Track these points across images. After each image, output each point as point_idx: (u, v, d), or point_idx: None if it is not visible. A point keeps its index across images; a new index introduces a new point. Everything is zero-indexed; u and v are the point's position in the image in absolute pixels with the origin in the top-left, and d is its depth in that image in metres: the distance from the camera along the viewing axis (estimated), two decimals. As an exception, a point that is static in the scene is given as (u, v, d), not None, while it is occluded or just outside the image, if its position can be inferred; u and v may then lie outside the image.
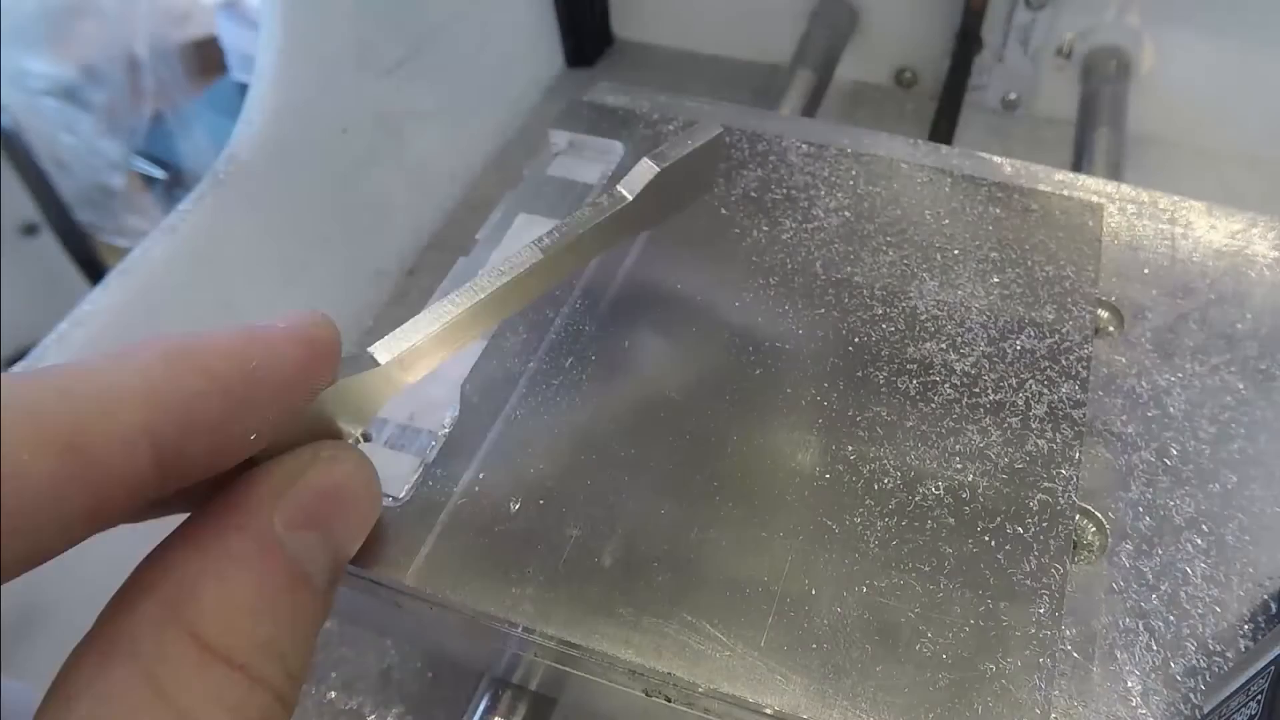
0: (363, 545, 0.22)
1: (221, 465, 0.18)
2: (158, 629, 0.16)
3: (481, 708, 0.30)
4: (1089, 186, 0.37)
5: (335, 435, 0.22)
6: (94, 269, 0.83)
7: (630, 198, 0.28)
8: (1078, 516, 0.27)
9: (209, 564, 0.17)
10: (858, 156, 0.37)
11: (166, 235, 0.40)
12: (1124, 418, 0.30)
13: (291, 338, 0.19)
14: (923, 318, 0.32)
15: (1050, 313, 0.32)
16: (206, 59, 1.00)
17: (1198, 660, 0.25)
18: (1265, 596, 0.26)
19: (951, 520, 0.27)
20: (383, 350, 0.23)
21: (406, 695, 0.36)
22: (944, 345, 0.31)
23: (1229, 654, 0.25)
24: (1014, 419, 0.29)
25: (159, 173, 1.00)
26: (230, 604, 0.17)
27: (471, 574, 0.26)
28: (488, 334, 0.27)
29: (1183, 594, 0.26)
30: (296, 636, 0.18)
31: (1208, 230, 0.35)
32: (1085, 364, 0.30)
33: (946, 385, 0.30)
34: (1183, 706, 0.24)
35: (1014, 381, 0.30)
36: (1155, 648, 0.25)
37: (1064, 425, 0.29)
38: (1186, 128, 0.57)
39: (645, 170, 0.28)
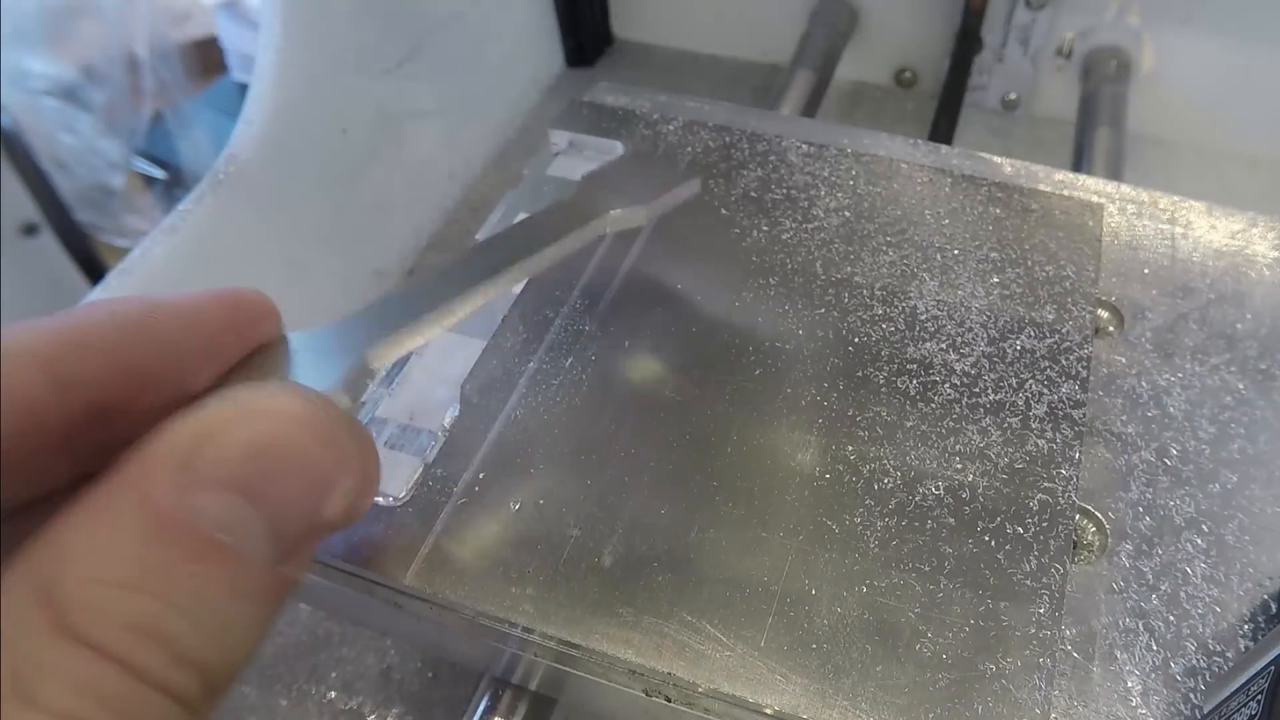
0: (362, 545, 0.22)
1: (138, 402, 0.18)
2: (16, 603, 0.14)
3: (481, 708, 0.30)
4: (1089, 186, 0.37)
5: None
6: (94, 269, 0.83)
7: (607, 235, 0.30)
8: (1078, 516, 0.27)
9: (86, 531, 0.15)
10: (858, 156, 0.37)
11: (166, 235, 0.40)
12: (1124, 418, 0.30)
13: (209, 290, 0.19)
14: (923, 318, 0.32)
15: (1050, 313, 0.32)
16: (206, 59, 1.00)
17: (1198, 660, 0.25)
18: (1265, 596, 0.26)
19: (951, 520, 0.27)
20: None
21: (406, 695, 0.36)
22: (944, 345, 0.31)
23: (1229, 654, 0.25)
24: (1014, 419, 0.29)
25: (159, 173, 1.00)
26: (97, 576, 0.14)
27: (471, 574, 0.26)
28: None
29: (1183, 594, 0.26)
30: (203, 616, 0.15)
31: (1208, 230, 0.35)
32: (1085, 364, 0.30)
33: (946, 385, 0.30)
34: (1183, 706, 0.24)
35: (1014, 381, 0.30)
36: (1155, 648, 0.25)
37: (1064, 425, 0.29)
38: (1186, 128, 0.57)
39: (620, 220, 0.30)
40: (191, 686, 0.15)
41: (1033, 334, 0.31)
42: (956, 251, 0.34)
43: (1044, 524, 0.26)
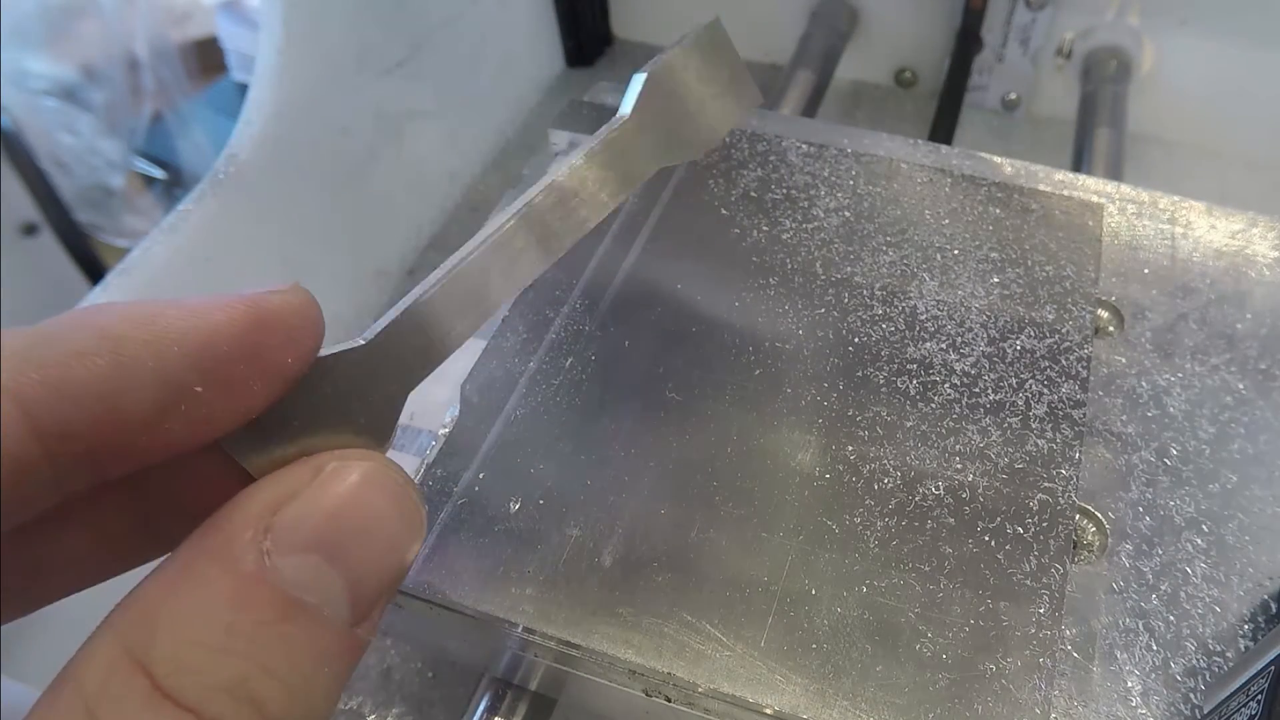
0: None
1: (149, 447, 0.16)
2: (108, 663, 0.14)
3: (481, 708, 0.30)
4: (1089, 186, 0.37)
5: (353, 444, 0.19)
6: (94, 269, 0.83)
7: (627, 114, 0.24)
8: (1078, 516, 0.27)
9: (173, 592, 0.15)
10: (858, 156, 0.37)
11: (166, 235, 0.40)
12: (1124, 418, 0.30)
13: (224, 302, 0.16)
14: (923, 318, 0.32)
15: (1050, 313, 0.32)
16: (206, 59, 1.00)
17: (1198, 660, 0.25)
18: (1265, 596, 0.26)
19: (951, 520, 0.27)
20: (368, 332, 0.20)
21: (406, 695, 0.36)
22: (944, 345, 0.31)
23: (1229, 654, 0.25)
24: (1014, 419, 0.29)
25: (159, 173, 1.00)
26: (188, 638, 0.15)
27: (471, 574, 0.26)
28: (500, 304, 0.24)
29: (1183, 594, 0.26)
30: (290, 677, 0.15)
31: (1208, 230, 0.35)
32: (1085, 364, 0.30)
33: (946, 385, 0.30)
34: (1183, 706, 0.24)
35: (1014, 381, 0.30)
36: (1155, 648, 0.25)
37: (1064, 425, 0.29)
38: (1186, 128, 0.57)
39: (635, 82, 0.24)
40: None
41: (1033, 334, 0.31)
42: (956, 251, 0.34)
43: (1044, 524, 0.26)
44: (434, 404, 0.31)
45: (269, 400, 0.17)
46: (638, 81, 0.24)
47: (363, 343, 0.19)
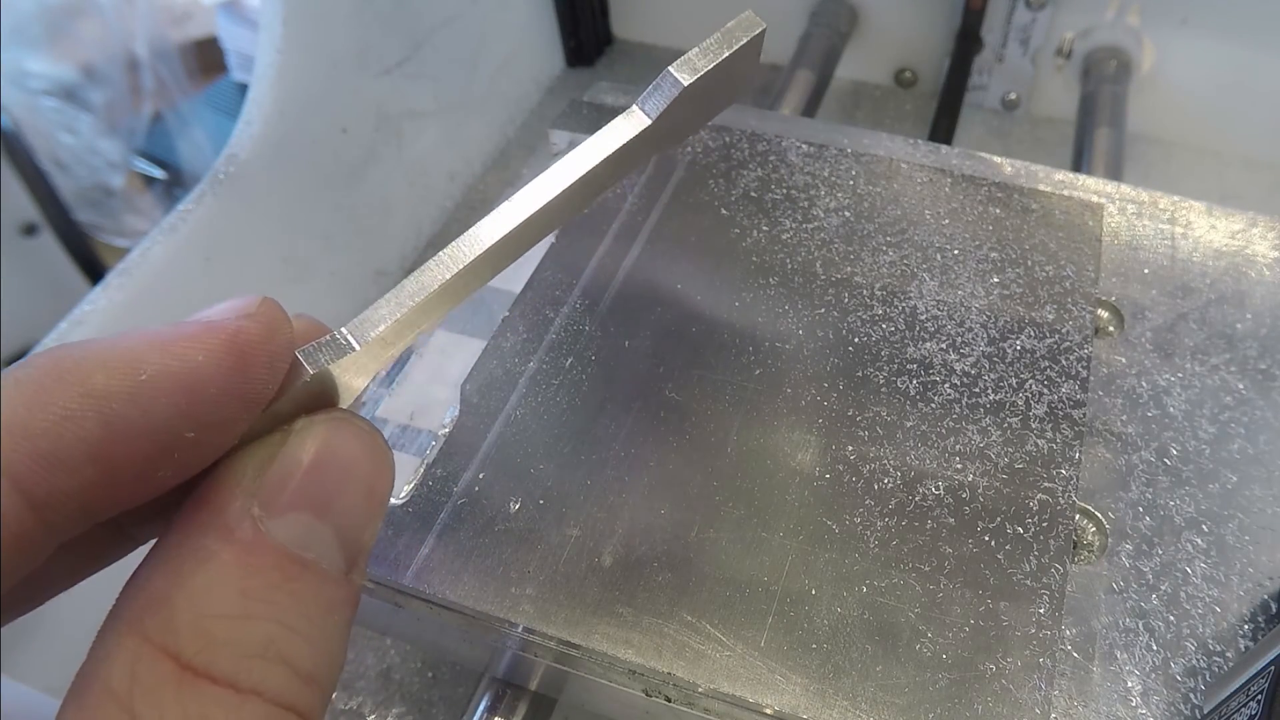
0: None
1: (142, 493, 0.16)
2: (131, 655, 0.14)
3: (481, 708, 0.30)
4: (1089, 186, 0.37)
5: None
6: (94, 269, 0.83)
7: (651, 120, 0.24)
8: (1078, 516, 0.27)
9: (180, 572, 0.15)
10: (858, 156, 0.37)
11: (166, 235, 0.40)
12: (1124, 418, 0.30)
13: (203, 338, 0.16)
14: (923, 318, 0.32)
15: (1050, 313, 0.32)
16: (206, 59, 1.00)
17: (1198, 660, 0.25)
18: (1265, 596, 0.26)
19: (951, 520, 0.27)
20: (358, 330, 0.19)
21: (406, 695, 0.36)
22: (944, 345, 0.31)
23: (1229, 654, 0.25)
24: (1014, 419, 0.29)
25: (159, 173, 1.00)
26: (207, 612, 0.15)
27: (471, 574, 0.26)
28: (490, 278, 0.23)
29: (1183, 594, 0.26)
30: (309, 631, 0.16)
31: (1208, 230, 0.35)
32: (1085, 364, 0.30)
33: (946, 385, 0.30)
34: (1183, 706, 0.24)
35: (1014, 381, 0.30)
36: (1155, 648, 0.25)
37: (1064, 425, 0.29)
38: (1186, 128, 0.57)
39: (668, 87, 0.24)
40: (316, 702, 0.16)
41: (1033, 334, 0.31)
42: (956, 251, 0.34)
43: (1044, 524, 0.26)
44: (434, 404, 0.31)
45: (249, 423, 0.17)
46: (671, 88, 0.24)
47: (358, 349, 0.19)
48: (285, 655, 0.15)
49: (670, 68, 0.24)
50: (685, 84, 0.24)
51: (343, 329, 0.19)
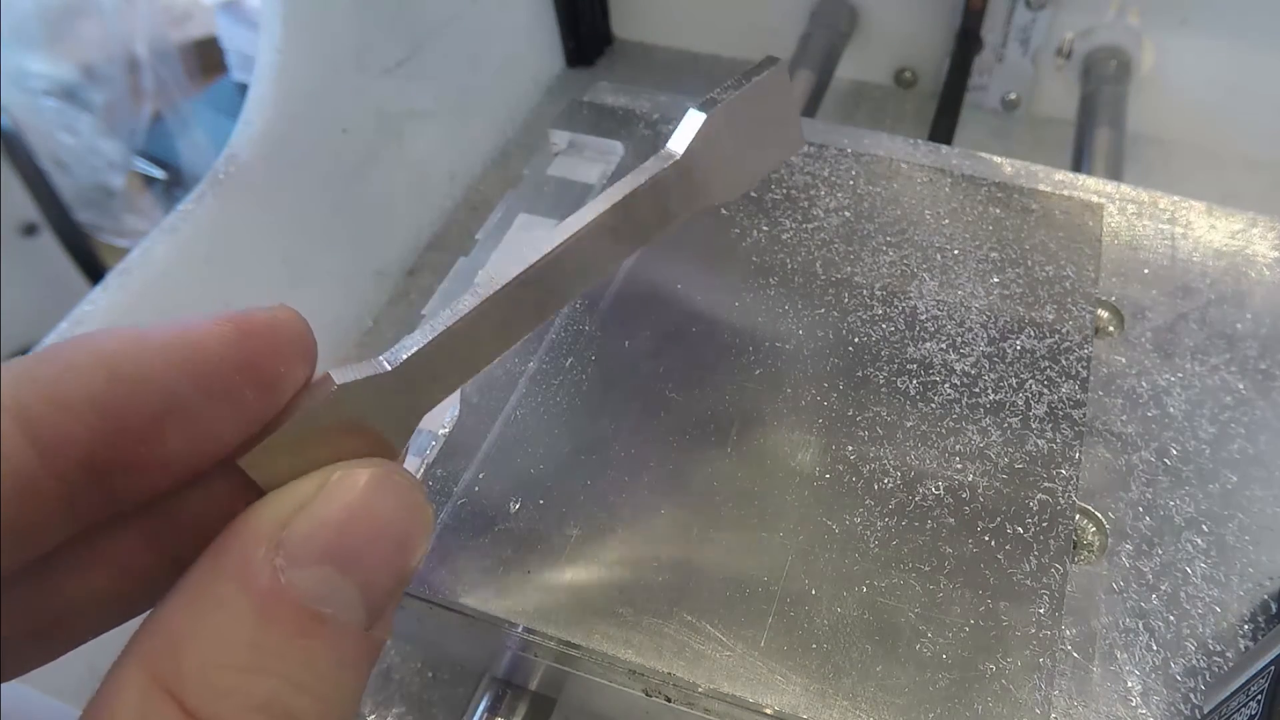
0: None
1: (150, 456, 0.16)
2: (140, 695, 0.14)
3: (481, 708, 0.30)
4: (1089, 186, 0.37)
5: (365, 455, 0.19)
6: (94, 269, 0.83)
7: (679, 154, 0.23)
8: (1078, 516, 0.27)
9: (195, 616, 0.15)
10: (858, 156, 0.37)
11: (166, 235, 0.40)
12: (1124, 418, 0.30)
13: (209, 318, 0.17)
14: (923, 318, 0.32)
15: (1050, 313, 0.32)
16: (206, 59, 1.00)
17: (1198, 660, 0.25)
18: (1265, 596, 0.26)
19: (951, 520, 0.27)
20: (391, 355, 0.20)
21: (406, 695, 0.36)
22: (944, 345, 0.31)
23: (1229, 654, 0.25)
24: (1014, 419, 0.29)
25: (159, 173, 1.00)
26: (215, 662, 0.15)
27: (471, 574, 0.26)
28: (527, 338, 0.23)
29: (1183, 594, 0.26)
30: (318, 688, 0.16)
31: (1208, 230, 0.35)
32: (1085, 364, 0.30)
33: (946, 385, 0.30)
34: (1183, 706, 0.24)
35: (1014, 381, 0.30)
36: (1155, 648, 0.25)
37: (1064, 425, 0.29)
38: (1186, 128, 0.57)
39: (691, 120, 0.23)
40: None
41: (1033, 334, 0.31)
42: (956, 251, 0.34)
43: (1044, 524, 0.26)
44: (434, 404, 0.30)
45: (270, 411, 0.18)
46: (694, 120, 0.23)
47: (389, 369, 0.19)
48: (290, 712, 0.15)
49: (692, 105, 0.23)
50: (705, 113, 0.23)
51: (378, 357, 0.20)
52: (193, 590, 0.16)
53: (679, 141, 0.23)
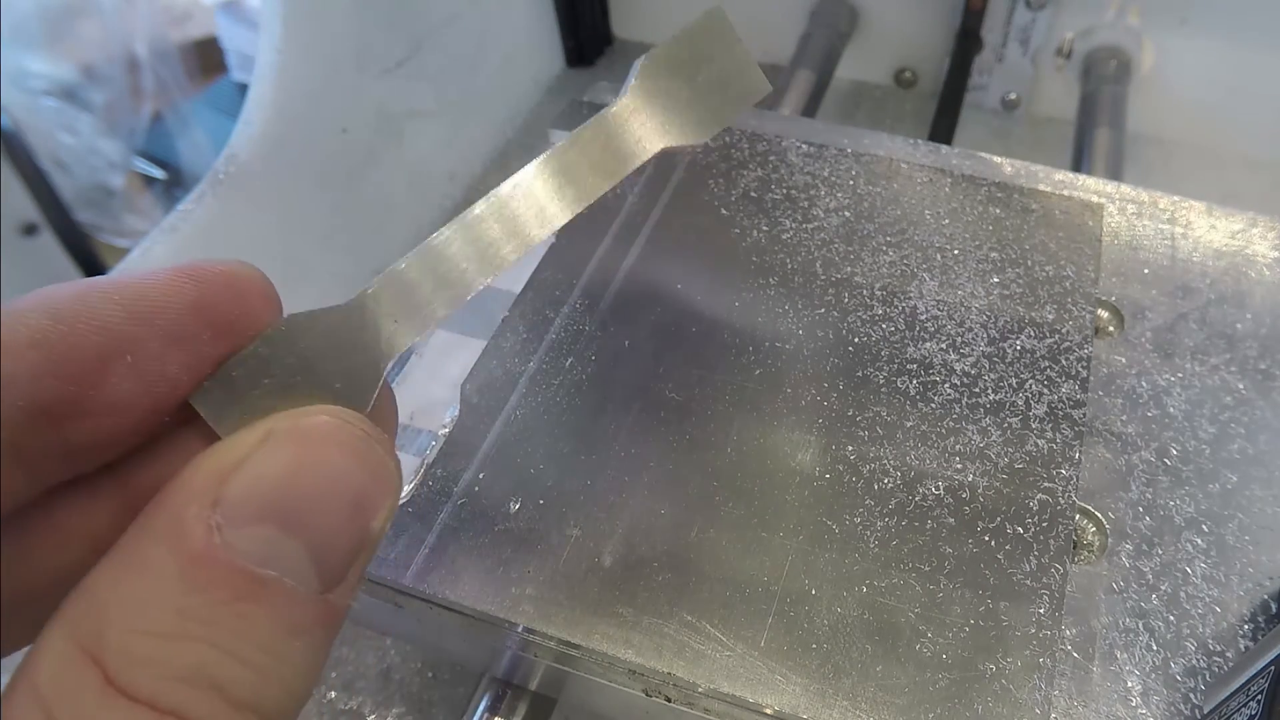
0: None
1: (99, 400, 0.16)
2: (60, 658, 0.14)
3: (481, 708, 0.30)
4: (1089, 186, 0.37)
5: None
6: (94, 269, 0.83)
7: (624, 95, 0.24)
8: (1078, 516, 0.27)
9: (120, 580, 0.14)
10: (858, 156, 0.37)
11: (166, 235, 0.40)
12: (1124, 418, 0.30)
13: (165, 269, 0.17)
14: (923, 318, 0.32)
15: (1050, 313, 0.32)
16: (206, 59, 1.00)
17: (1198, 660, 0.25)
18: (1265, 596, 0.26)
19: (951, 520, 0.27)
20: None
21: (406, 695, 0.36)
22: (944, 345, 0.31)
23: (1229, 654, 0.25)
24: (1014, 419, 0.29)
25: (159, 173, 1.00)
26: (138, 628, 0.14)
27: (471, 574, 0.26)
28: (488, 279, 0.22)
29: (1183, 594, 0.26)
30: (254, 656, 0.14)
31: (1208, 230, 0.35)
32: (1085, 364, 0.30)
33: (946, 385, 0.30)
34: (1183, 706, 0.24)
35: (1014, 381, 0.30)
36: (1155, 648, 0.25)
37: (1064, 425, 0.29)
38: (1186, 128, 0.57)
39: (634, 68, 0.25)
40: None
41: (1033, 334, 0.31)
42: (956, 251, 0.34)
43: (1044, 524, 0.26)
44: (434, 404, 0.31)
45: (225, 352, 0.17)
46: (635, 67, 0.25)
47: (341, 304, 0.19)
48: (217, 681, 0.14)
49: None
50: (641, 60, 0.24)
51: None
52: (122, 552, 0.15)
53: (624, 89, 0.25)
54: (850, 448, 0.28)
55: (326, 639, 0.16)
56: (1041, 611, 0.25)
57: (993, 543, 0.26)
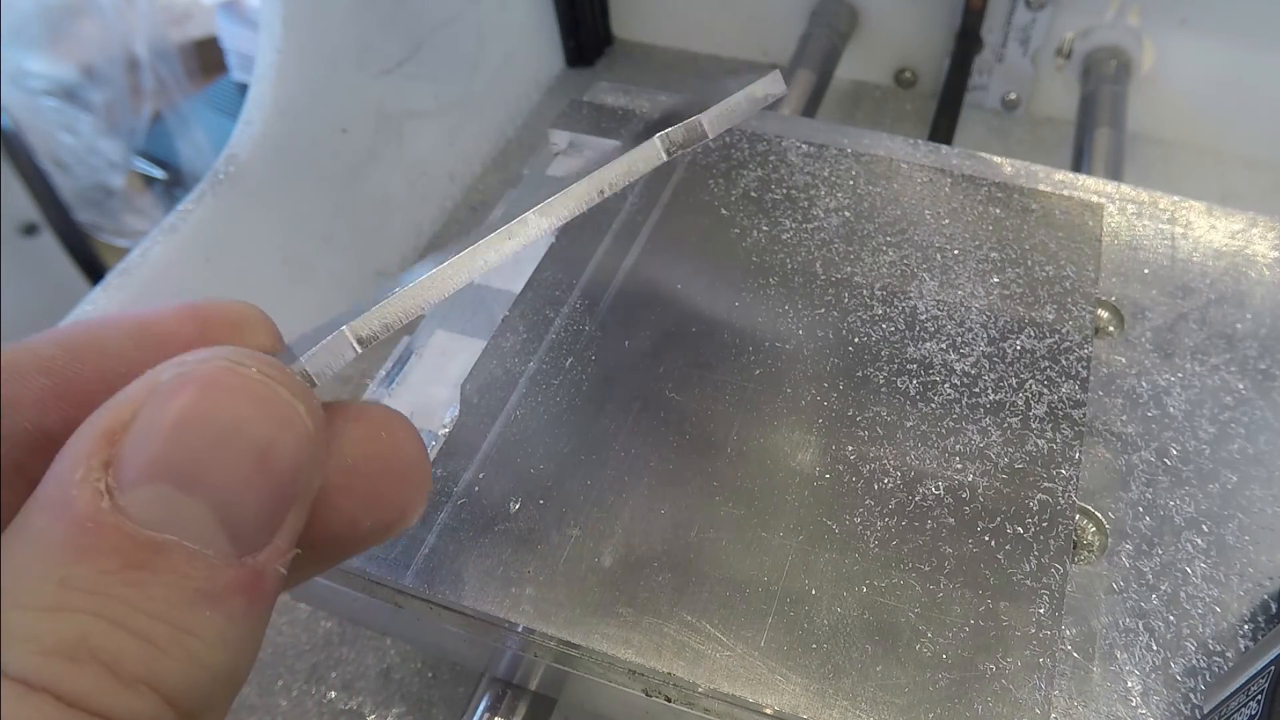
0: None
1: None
2: None
3: (481, 708, 0.30)
4: (1089, 186, 0.37)
5: None
6: (94, 269, 0.83)
7: (664, 159, 0.22)
8: (1078, 516, 0.27)
9: (6, 556, 0.13)
10: (858, 156, 0.37)
11: (166, 235, 0.40)
12: (1124, 418, 0.30)
13: (170, 305, 0.17)
14: (923, 318, 0.32)
15: (1050, 313, 0.32)
16: (206, 59, 1.00)
17: (1198, 660, 0.25)
18: (1265, 596, 0.26)
19: (951, 520, 0.27)
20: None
21: (406, 695, 0.36)
22: (944, 345, 0.31)
23: (1229, 654, 0.25)
24: (1014, 419, 0.29)
25: (159, 173, 1.00)
26: (14, 603, 0.13)
27: (471, 574, 0.26)
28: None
29: (1183, 594, 0.26)
30: (153, 628, 0.13)
31: (1208, 230, 0.35)
32: (1085, 364, 0.30)
33: (946, 385, 0.30)
34: (1183, 706, 0.24)
35: (1014, 381, 0.30)
36: (1155, 648, 0.25)
37: (1064, 425, 0.29)
38: (1186, 128, 0.57)
39: (682, 130, 0.23)
40: (151, 710, 0.13)
41: (1033, 334, 0.31)
42: (956, 251, 0.34)
43: (1044, 524, 0.26)
44: (434, 404, 0.31)
45: None
46: (687, 131, 0.23)
47: (358, 353, 0.19)
48: (104, 655, 0.13)
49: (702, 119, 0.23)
50: (711, 132, 0.23)
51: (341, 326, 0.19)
52: (12, 526, 0.14)
53: (670, 139, 0.23)
54: (850, 448, 0.28)
55: (251, 607, 0.14)
56: (1041, 611, 0.25)
57: (993, 543, 0.26)
